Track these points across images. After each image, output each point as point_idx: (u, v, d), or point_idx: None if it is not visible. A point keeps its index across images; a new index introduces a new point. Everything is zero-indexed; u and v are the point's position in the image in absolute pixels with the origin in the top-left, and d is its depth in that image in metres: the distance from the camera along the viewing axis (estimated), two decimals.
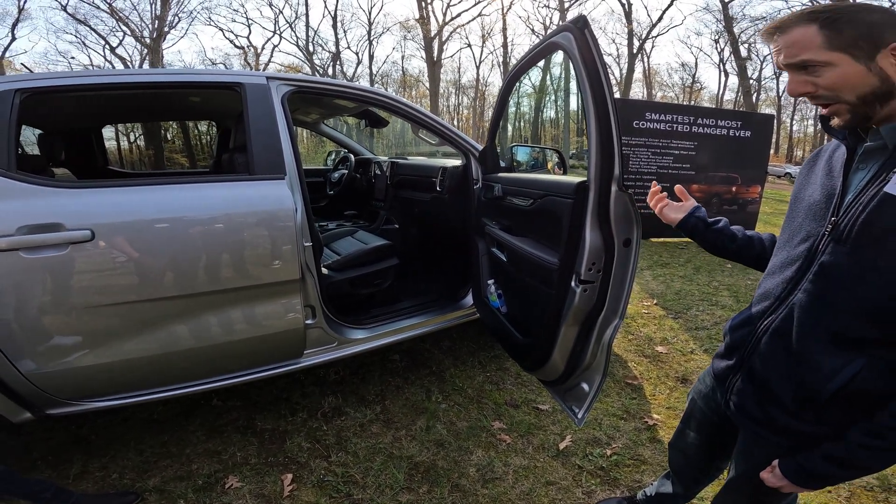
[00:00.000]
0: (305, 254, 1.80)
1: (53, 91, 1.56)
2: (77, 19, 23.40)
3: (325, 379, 2.52)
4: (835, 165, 0.86)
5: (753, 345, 0.92)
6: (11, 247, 1.35)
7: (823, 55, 0.74)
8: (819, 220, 0.84)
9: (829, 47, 0.73)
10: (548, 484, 1.79)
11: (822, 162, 0.91)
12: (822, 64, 0.75)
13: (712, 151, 6.20)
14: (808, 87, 0.78)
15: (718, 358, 1.07)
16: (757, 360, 0.91)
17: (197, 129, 12.59)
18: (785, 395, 0.87)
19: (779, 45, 0.79)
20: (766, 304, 0.91)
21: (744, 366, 0.95)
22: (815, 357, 0.81)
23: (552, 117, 32.65)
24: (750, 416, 0.95)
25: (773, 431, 0.91)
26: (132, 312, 1.57)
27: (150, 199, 1.57)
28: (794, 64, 0.77)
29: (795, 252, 0.87)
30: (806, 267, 0.84)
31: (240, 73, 1.89)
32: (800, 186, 0.95)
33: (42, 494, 1.51)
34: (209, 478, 1.80)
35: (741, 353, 0.96)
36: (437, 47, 29.21)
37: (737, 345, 0.98)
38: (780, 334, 0.87)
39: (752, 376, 0.93)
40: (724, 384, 1.01)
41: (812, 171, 0.93)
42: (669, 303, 3.81)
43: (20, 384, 1.51)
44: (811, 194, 0.89)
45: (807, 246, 0.85)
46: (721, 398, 1.03)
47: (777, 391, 0.88)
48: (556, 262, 1.46)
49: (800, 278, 0.84)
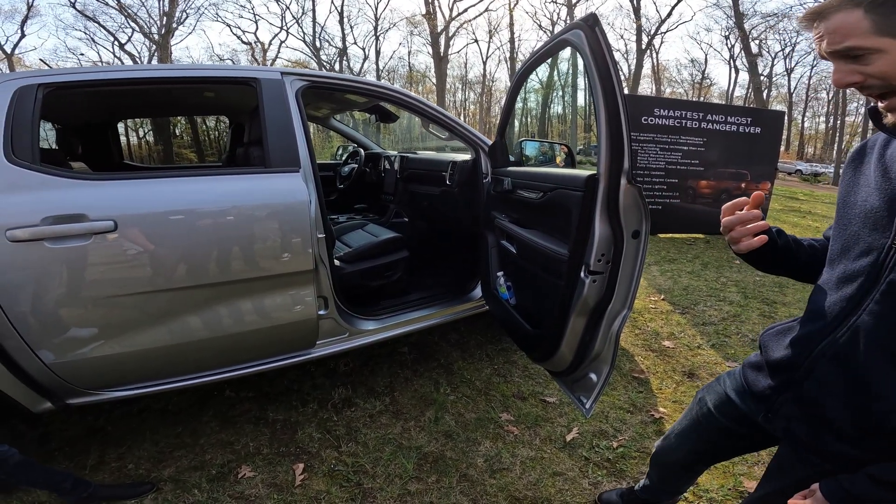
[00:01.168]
0: (319, 245, 1.84)
1: (74, 86, 1.59)
2: (86, 16, 23.59)
3: (336, 371, 2.56)
4: (891, 165, 0.77)
5: (808, 368, 0.84)
6: (35, 237, 1.38)
7: (871, 41, 0.68)
8: (882, 229, 0.75)
9: (878, 32, 0.67)
10: (555, 475, 1.82)
11: (873, 159, 0.81)
12: (870, 51, 0.68)
13: (722, 147, 6.17)
14: (855, 76, 0.72)
15: (754, 371, 0.99)
16: (813, 385, 0.83)
17: (205, 124, 12.66)
18: (844, 423, 0.79)
19: (820, 32, 0.73)
20: (822, 324, 0.82)
21: (793, 387, 0.87)
22: (883, 385, 0.74)
23: (559, 113, 32.50)
24: (799, 439, 0.88)
25: (824, 458, 0.84)
26: (153, 302, 1.60)
27: (171, 191, 1.60)
28: (839, 51, 0.71)
29: (855, 266, 0.78)
30: (870, 284, 0.75)
31: (255, 69, 1.92)
32: (847, 188, 0.85)
33: (61, 485, 1.54)
34: (222, 467, 1.84)
35: (790, 375, 0.88)
36: (444, 43, 29.12)
37: (784, 365, 0.89)
38: (842, 359, 0.79)
39: (805, 400, 0.85)
40: (764, 402, 0.94)
41: (861, 171, 0.83)
42: (677, 298, 3.82)
43: (42, 374, 1.55)
44: (866, 199, 0.79)
45: (870, 260, 0.75)
46: (757, 413, 0.97)
47: (834, 418, 0.80)
48: (566, 253, 1.48)
49: (862, 296, 0.76)
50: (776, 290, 4.05)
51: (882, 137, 0.82)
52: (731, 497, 1.71)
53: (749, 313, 3.49)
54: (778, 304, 3.68)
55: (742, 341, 3.00)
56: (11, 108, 1.45)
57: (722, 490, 1.74)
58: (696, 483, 1.76)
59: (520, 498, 1.70)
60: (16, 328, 1.44)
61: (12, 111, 1.45)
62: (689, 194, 6.18)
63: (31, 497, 1.65)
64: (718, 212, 0.98)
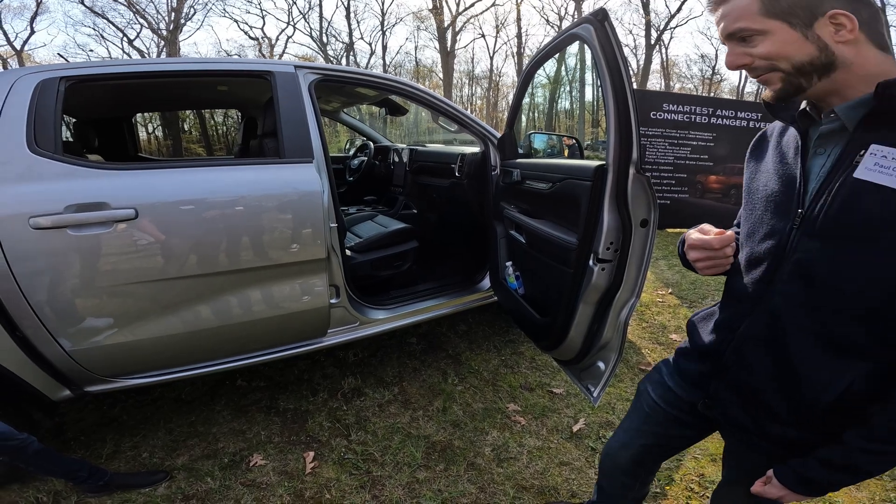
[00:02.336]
0: (331, 235, 1.87)
1: (95, 79, 1.63)
2: (95, 12, 23.70)
3: (345, 361, 2.60)
4: (786, 151, 0.81)
5: (732, 353, 0.86)
6: (58, 224, 1.42)
7: (759, 23, 0.71)
8: (782, 213, 0.78)
9: (766, 14, 0.70)
10: (561, 464, 1.84)
11: (770, 147, 0.87)
12: (758, 32, 0.71)
13: (732, 143, 6.11)
14: (745, 58, 0.74)
15: (685, 358, 1.02)
16: (742, 370, 0.85)
17: (213, 119, 12.76)
18: (779, 406, 0.81)
19: (718, 16, 0.75)
20: (739, 308, 0.86)
21: (724, 373, 0.89)
22: (808, 367, 0.75)
23: (566, 108, 32.31)
24: (739, 425, 0.89)
25: (768, 441, 0.86)
26: (173, 289, 1.63)
27: (190, 180, 1.64)
28: (732, 33, 0.74)
29: (760, 249, 0.81)
30: (775, 266, 0.78)
31: (270, 62, 1.95)
32: (751, 176, 0.89)
33: (78, 473, 1.58)
34: (234, 456, 1.87)
35: (717, 360, 0.90)
36: (451, 38, 29.01)
37: (710, 350, 0.92)
38: (764, 342, 0.81)
39: (738, 386, 0.87)
40: (698, 389, 0.96)
41: (760, 159, 0.88)
42: (684, 292, 3.81)
43: (62, 361, 1.58)
44: (766, 184, 0.83)
45: (773, 243, 0.79)
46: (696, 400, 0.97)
47: (769, 402, 0.82)
48: (575, 241, 1.50)
49: (771, 278, 0.79)
50: None
51: (779, 126, 0.87)
52: None
53: None
54: None
55: None
56: (34, 100, 1.48)
57: None
58: (702, 475, 1.77)
59: (526, 487, 1.73)
60: (37, 315, 1.47)
61: (35, 103, 1.48)
62: (697, 189, 6.14)
63: (46, 486, 1.69)
64: (728, 207, 0.94)
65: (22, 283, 1.42)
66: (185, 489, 1.71)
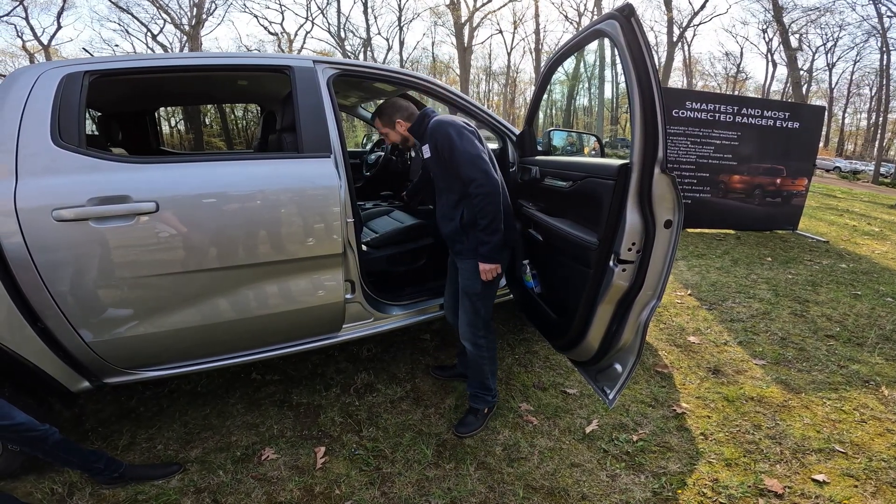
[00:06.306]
0: (348, 229, 1.87)
1: (119, 73, 1.65)
2: (120, 7, 24.21)
3: (358, 356, 2.61)
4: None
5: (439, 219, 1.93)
6: (80, 217, 1.44)
7: (382, 129, 1.92)
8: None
9: (383, 125, 1.90)
10: (572, 466, 1.81)
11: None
12: (383, 132, 1.93)
13: (757, 142, 5.96)
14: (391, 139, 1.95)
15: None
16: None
17: (234, 114, 12.93)
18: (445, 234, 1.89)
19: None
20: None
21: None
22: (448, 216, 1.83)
23: (585, 105, 31.89)
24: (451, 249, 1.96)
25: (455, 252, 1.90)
26: (193, 282, 1.65)
27: (210, 174, 1.65)
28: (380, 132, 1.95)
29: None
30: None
31: (289, 57, 1.95)
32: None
33: (94, 464, 1.60)
34: (247, 449, 1.89)
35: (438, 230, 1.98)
36: (468, 33, 28.86)
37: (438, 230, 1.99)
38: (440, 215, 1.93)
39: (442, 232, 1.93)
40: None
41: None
42: (704, 294, 3.73)
43: (82, 352, 1.60)
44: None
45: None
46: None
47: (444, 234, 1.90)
48: (595, 241, 1.47)
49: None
50: (809, 288, 3.92)
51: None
52: (751, 494, 1.67)
53: (779, 311, 3.39)
54: (810, 303, 3.55)
55: (771, 339, 2.92)
56: (59, 94, 1.50)
57: (742, 487, 1.70)
58: (716, 479, 1.74)
59: (536, 487, 1.71)
60: (59, 306, 1.49)
61: (59, 97, 1.50)
62: (720, 189, 6.01)
63: (62, 477, 1.72)
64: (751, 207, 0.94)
65: (44, 274, 1.44)
66: (197, 482, 1.72)
